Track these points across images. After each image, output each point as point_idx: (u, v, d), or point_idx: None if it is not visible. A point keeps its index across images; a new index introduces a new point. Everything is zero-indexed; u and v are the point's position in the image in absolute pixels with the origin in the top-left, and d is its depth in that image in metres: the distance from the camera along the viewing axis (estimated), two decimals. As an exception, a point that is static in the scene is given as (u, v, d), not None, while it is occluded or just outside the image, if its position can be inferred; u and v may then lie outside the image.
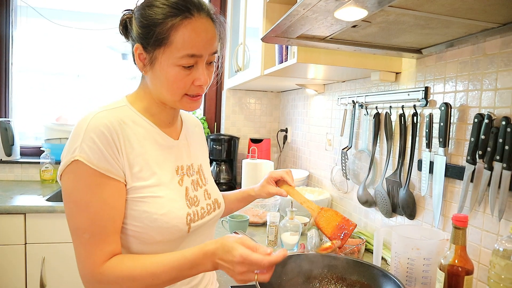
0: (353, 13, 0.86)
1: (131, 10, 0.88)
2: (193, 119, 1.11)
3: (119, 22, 0.89)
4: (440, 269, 0.89)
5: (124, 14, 0.89)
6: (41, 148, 2.63)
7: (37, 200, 2.12)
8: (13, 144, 2.58)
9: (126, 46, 0.91)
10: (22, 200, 2.09)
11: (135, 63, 0.89)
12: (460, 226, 0.86)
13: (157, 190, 0.85)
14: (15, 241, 1.99)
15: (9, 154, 2.55)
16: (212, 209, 0.98)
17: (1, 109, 2.73)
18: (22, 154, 2.73)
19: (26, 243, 2.01)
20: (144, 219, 0.83)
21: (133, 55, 0.88)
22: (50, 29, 2.80)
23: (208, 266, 0.78)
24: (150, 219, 0.83)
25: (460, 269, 0.86)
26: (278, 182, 1.18)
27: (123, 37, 0.91)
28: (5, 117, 2.72)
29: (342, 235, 0.99)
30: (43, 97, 2.90)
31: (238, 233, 1.07)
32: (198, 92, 0.88)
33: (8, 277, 2.00)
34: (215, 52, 0.88)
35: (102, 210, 0.78)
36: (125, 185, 0.82)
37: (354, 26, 0.96)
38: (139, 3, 0.86)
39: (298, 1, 0.83)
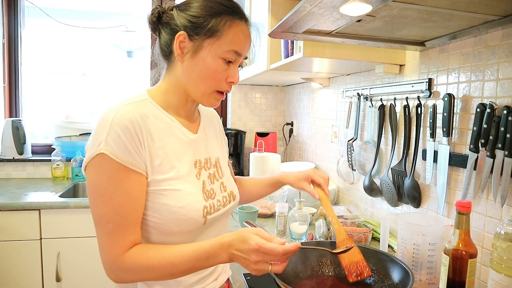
0: (358, 8, 0.89)
1: (161, 6, 0.94)
2: (210, 111, 1.14)
3: (151, 13, 0.93)
4: (445, 253, 0.92)
5: (158, 6, 0.94)
6: (51, 146, 2.68)
7: (51, 196, 2.18)
8: (25, 143, 2.64)
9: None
10: (36, 197, 2.15)
11: (165, 52, 0.93)
12: (463, 212, 0.90)
13: (175, 184, 0.88)
14: (31, 237, 2.05)
15: (21, 152, 2.61)
16: (227, 201, 1.01)
17: (12, 108, 2.78)
18: (33, 152, 2.79)
19: (41, 238, 2.07)
20: (163, 211, 0.86)
21: (167, 44, 0.92)
22: (55, 28, 2.84)
23: (224, 257, 0.81)
24: (169, 211, 0.86)
25: (464, 253, 0.90)
26: (313, 183, 1.16)
27: (149, 28, 0.95)
28: (16, 117, 2.77)
29: (356, 274, 0.97)
30: (50, 96, 2.95)
31: (251, 223, 1.10)
32: (227, 89, 0.94)
33: (25, 271, 2.07)
34: (246, 58, 0.96)
35: (125, 202, 0.82)
36: (146, 178, 0.86)
37: (358, 21, 1.00)
38: None
39: (304, -2, 0.86)
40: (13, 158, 2.60)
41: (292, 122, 2.74)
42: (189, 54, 0.89)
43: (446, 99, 1.16)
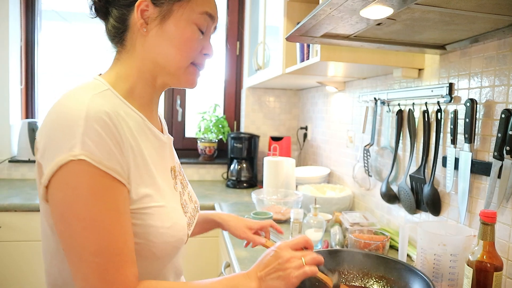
0: (379, 12, 0.86)
1: None
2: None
3: None
4: (468, 265, 0.89)
5: None
6: (66, 148, 2.70)
7: (65, 198, 2.18)
8: (40, 144, 2.66)
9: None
10: (50, 199, 2.15)
11: (119, 30, 0.78)
12: (488, 222, 0.86)
13: (159, 199, 0.73)
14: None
15: (36, 154, 2.63)
16: (195, 212, 0.91)
17: (28, 110, 2.82)
18: (49, 154, 2.81)
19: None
20: (149, 235, 0.70)
21: (121, 20, 0.77)
22: (72, 31, 2.87)
23: (254, 284, 0.74)
24: (156, 234, 0.70)
25: (488, 265, 0.86)
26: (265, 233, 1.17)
27: (91, 12, 0.81)
28: (32, 118, 2.81)
29: None
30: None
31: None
32: (202, 63, 0.82)
33: (41, 272, 2.07)
34: (216, 28, 0.84)
35: (118, 222, 0.63)
36: (128, 191, 0.68)
37: (378, 24, 0.97)
38: None
39: (324, 0, 0.84)
40: (29, 159, 2.62)
41: (306, 126, 2.72)
42: (156, 22, 0.74)
43: (468, 104, 1.12)
